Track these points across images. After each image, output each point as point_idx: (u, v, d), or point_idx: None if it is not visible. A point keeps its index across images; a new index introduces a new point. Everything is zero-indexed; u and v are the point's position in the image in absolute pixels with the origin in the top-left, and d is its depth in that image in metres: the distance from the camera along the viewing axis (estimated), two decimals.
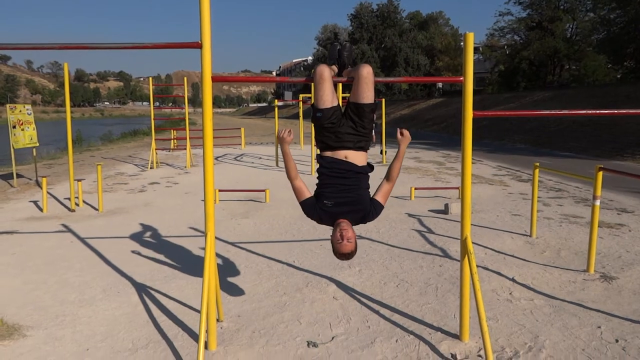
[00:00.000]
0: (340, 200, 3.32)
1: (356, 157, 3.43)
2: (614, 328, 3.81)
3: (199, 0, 3.21)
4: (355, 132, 3.43)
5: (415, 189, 9.29)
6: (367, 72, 3.32)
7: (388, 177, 3.47)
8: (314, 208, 3.37)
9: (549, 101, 31.05)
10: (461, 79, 3.32)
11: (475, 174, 12.34)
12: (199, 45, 3.26)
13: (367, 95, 3.37)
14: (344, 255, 3.25)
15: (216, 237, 6.25)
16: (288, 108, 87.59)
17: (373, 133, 22.37)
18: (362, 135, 3.46)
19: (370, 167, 3.50)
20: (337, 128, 3.41)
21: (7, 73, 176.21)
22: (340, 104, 3.76)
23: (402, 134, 3.47)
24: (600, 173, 4.90)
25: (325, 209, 3.33)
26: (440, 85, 60.34)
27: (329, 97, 3.38)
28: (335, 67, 3.78)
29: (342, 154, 3.42)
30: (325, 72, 3.35)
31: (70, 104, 8.54)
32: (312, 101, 3.41)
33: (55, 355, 3.45)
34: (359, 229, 6.85)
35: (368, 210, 3.35)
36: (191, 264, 5.34)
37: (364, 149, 3.50)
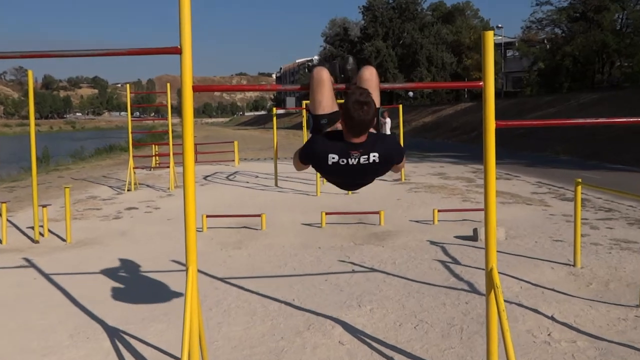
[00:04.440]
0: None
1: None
2: None
3: (178, 0, 3.30)
4: None
5: (439, 211, 9.29)
6: (369, 73, 3.41)
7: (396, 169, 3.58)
8: (310, 142, 3.36)
9: (598, 104, 31.06)
10: (480, 84, 3.37)
11: (510, 192, 12.33)
12: (178, 51, 3.35)
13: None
14: (360, 86, 3.20)
15: (203, 272, 6.29)
16: (290, 117, 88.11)
17: None
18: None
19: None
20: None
21: None
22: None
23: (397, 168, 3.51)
24: None
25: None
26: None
27: (329, 101, 3.46)
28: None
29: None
30: (324, 74, 3.44)
31: (37, 116, 8.73)
32: (311, 109, 3.42)
33: None
34: (371, 259, 6.87)
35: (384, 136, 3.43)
36: (173, 304, 5.38)
37: None
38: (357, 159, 3.24)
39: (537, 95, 43.38)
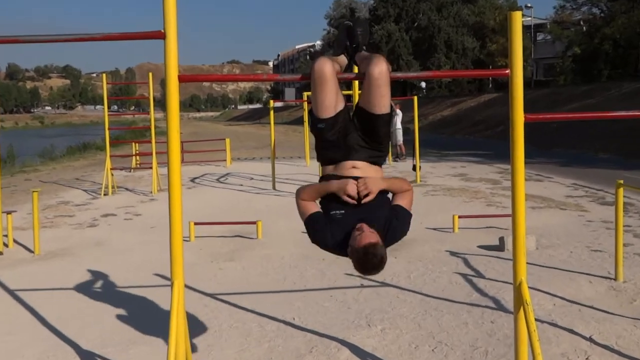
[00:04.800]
0: (354, 210, 3.39)
1: (367, 168, 3.51)
2: None
3: None
4: (366, 145, 3.51)
5: (460, 217, 9.30)
6: (379, 72, 3.33)
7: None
8: (322, 222, 3.42)
9: None
10: (507, 71, 3.38)
11: (542, 196, 12.33)
12: (161, 35, 3.36)
13: (379, 102, 3.42)
14: (366, 249, 3.16)
15: (190, 287, 6.30)
16: (290, 110, 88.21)
17: (401, 143, 22.26)
18: (376, 149, 3.55)
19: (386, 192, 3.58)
20: (343, 141, 3.50)
21: None
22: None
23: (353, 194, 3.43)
24: None
25: (336, 219, 3.40)
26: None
27: (332, 101, 3.44)
28: (342, 59, 3.86)
29: (348, 165, 3.49)
30: (327, 69, 3.38)
31: (0, 110, 8.73)
32: (312, 104, 3.45)
33: None
34: (383, 272, 6.86)
35: (390, 216, 3.45)
36: (157, 324, 5.38)
37: (378, 164, 3.59)
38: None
39: (572, 84, 43.34)
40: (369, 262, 3.21)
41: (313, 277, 6.84)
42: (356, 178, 3.41)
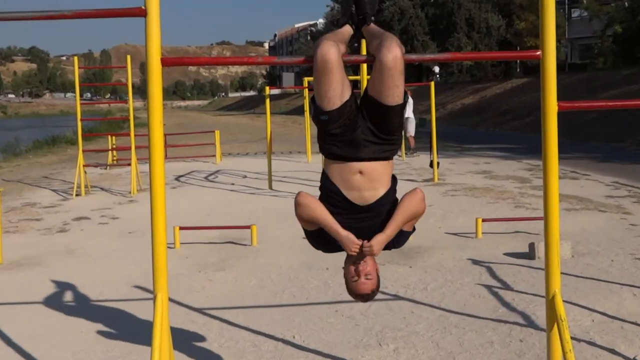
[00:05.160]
0: (355, 225, 3.60)
1: (374, 171, 3.53)
2: None
3: None
4: (376, 139, 3.52)
5: (484, 220, 9.29)
6: (392, 58, 3.33)
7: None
8: (322, 241, 3.73)
9: None
10: (538, 53, 3.38)
11: (578, 196, 12.32)
12: (142, 12, 3.37)
13: (392, 92, 3.42)
14: (360, 296, 3.74)
15: (175, 301, 6.30)
16: (288, 98, 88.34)
17: (412, 135, 22.28)
18: (387, 143, 3.56)
19: (394, 180, 3.68)
20: (349, 135, 3.51)
21: None
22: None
23: (363, 248, 3.63)
24: None
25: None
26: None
27: (337, 90, 3.44)
28: (347, 30, 3.85)
29: (354, 169, 3.52)
30: (332, 55, 3.36)
31: None
32: (314, 93, 3.46)
33: None
34: (395, 283, 6.87)
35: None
36: (137, 343, 5.39)
37: (389, 158, 3.62)
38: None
39: (613, 67, 43.22)
40: (361, 300, 3.85)
41: (316, 289, 6.84)
42: (361, 208, 3.58)
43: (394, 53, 3.34)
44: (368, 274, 3.62)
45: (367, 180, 3.52)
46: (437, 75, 61.03)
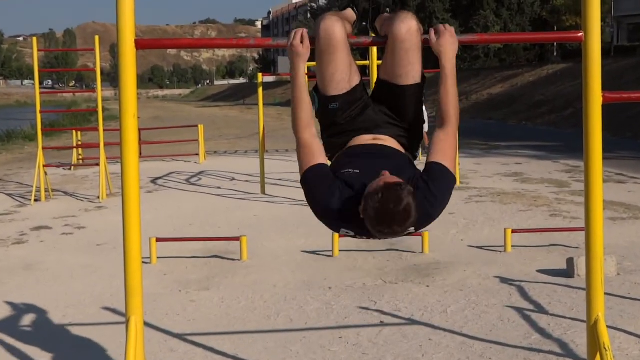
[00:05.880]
0: (371, 166, 3.33)
1: (392, 142, 3.58)
2: None
3: None
4: (394, 123, 3.59)
5: (514, 231, 9.28)
6: (407, 30, 3.37)
7: (440, 119, 3.50)
8: (329, 180, 3.36)
9: None
10: (580, 34, 3.39)
11: (625, 203, 12.31)
12: None
13: (408, 71, 3.46)
14: (388, 187, 3.08)
15: (151, 325, 6.30)
16: (285, 87, 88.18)
17: (426, 130, 22.47)
18: (405, 129, 3.62)
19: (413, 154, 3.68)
20: (360, 122, 3.57)
21: None
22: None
23: (437, 31, 3.46)
24: None
25: (347, 177, 3.36)
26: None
27: (345, 73, 3.48)
28: (350, 14, 3.90)
29: (368, 137, 3.57)
30: (337, 31, 3.40)
31: None
32: (317, 80, 3.48)
33: None
34: (410, 305, 6.87)
35: (416, 175, 3.40)
36: None
37: (410, 151, 3.67)
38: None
39: None
40: (388, 209, 3.07)
41: (316, 312, 6.83)
42: (377, 148, 3.47)
43: (408, 24, 3.37)
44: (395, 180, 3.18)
45: (383, 142, 3.56)
46: (464, 61, 61.10)
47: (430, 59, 3.75)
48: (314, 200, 3.39)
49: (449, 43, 3.43)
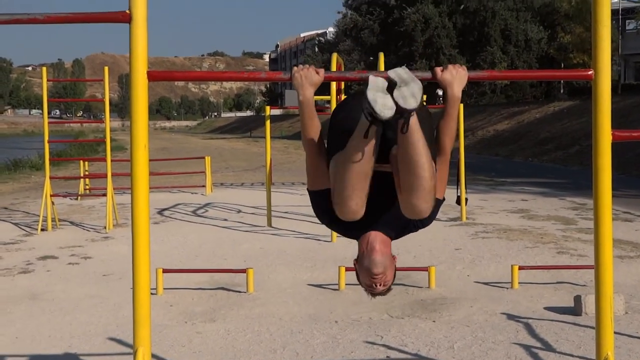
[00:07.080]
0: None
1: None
2: None
3: None
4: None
5: (521, 268, 9.26)
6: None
7: (437, 149, 3.59)
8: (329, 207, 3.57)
9: None
10: (590, 72, 3.39)
11: (633, 241, 12.28)
12: (126, 18, 3.39)
13: (422, 208, 3.40)
14: (372, 265, 3.57)
15: (158, 357, 6.28)
16: (291, 120, 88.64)
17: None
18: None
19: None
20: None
21: None
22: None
23: (444, 69, 3.46)
24: None
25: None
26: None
27: (359, 205, 3.40)
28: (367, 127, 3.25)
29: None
30: (358, 209, 3.42)
31: None
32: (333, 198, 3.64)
33: None
34: (416, 341, 6.84)
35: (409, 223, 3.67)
36: None
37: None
38: None
39: None
40: (373, 286, 3.77)
41: (322, 345, 6.81)
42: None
43: (419, 208, 3.40)
44: (382, 251, 3.60)
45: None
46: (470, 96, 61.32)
47: (434, 94, 3.77)
48: (317, 213, 3.77)
49: (456, 77, 3.44)
